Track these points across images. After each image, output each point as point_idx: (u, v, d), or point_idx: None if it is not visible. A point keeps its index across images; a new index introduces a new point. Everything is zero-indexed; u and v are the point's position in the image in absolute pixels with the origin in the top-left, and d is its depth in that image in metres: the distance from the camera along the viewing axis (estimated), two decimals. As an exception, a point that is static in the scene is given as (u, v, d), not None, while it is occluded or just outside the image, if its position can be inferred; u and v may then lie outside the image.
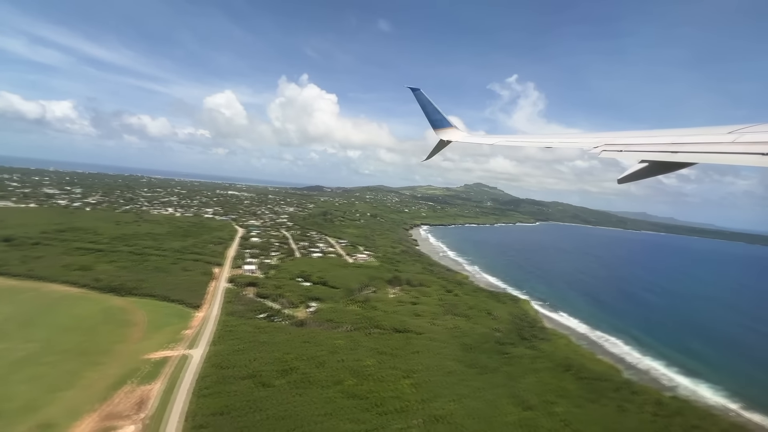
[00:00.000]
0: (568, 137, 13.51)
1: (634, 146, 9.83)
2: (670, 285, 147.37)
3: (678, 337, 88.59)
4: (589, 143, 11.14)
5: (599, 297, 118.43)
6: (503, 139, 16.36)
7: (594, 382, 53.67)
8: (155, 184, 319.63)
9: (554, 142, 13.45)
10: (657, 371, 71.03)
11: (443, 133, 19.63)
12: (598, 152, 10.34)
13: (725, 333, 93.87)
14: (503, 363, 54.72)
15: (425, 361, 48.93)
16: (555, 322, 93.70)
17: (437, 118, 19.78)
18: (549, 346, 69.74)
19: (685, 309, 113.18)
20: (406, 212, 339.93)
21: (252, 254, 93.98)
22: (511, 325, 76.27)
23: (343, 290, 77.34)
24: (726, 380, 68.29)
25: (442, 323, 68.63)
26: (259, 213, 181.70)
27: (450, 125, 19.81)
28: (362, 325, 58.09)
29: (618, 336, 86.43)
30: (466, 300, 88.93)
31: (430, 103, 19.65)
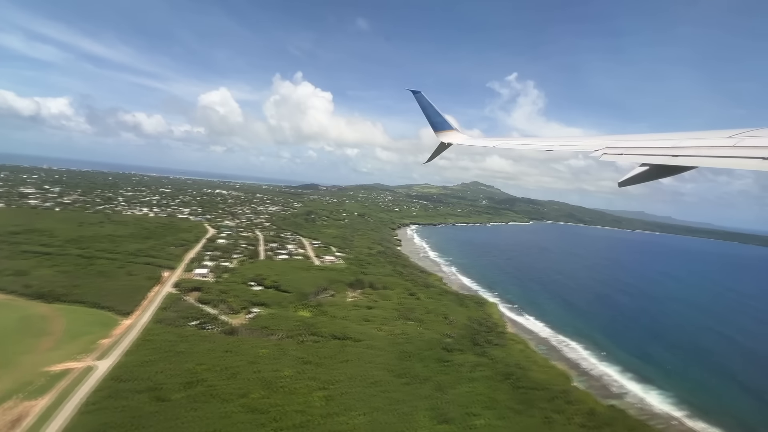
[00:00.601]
0: (568, 140, 13.61)
1: (634, 150, 9.89)
2: (647, 287, 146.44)
3: (640, 341, 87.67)
4: (589, 146, 11.27)
5: (571, 299, 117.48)
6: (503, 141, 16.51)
7: (530, 391, 52.71)
8: (145, 182, 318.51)
9: (555, 145, 13.67)
10: (609, 377, 70.03)
11: (444, 135, 19.81)
12: (599, 155, 10.43)
13: (689, 337, 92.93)
14: (439, 372, 53.71)
15: (351, 371, 47.90)
16: (519, 326, 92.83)
17: (438, 121, 19.98)
18: (501, 352, 68.77)
19: (656, 312, 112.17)
20: (396, 211, 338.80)
21: (212, 257, 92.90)
22: (466, 330, 75.23)
23: (296, 294, 76.26)
24: (677, 387, 67.42)
25: (389, 329, 67.59)
26: (239, 213, 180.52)
27: (451, 128, 19.99)
28: (298, 332, 57.03)
29: (580, 340, 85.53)
30: (426, 304, 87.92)
31: (430, 105, 19.90)
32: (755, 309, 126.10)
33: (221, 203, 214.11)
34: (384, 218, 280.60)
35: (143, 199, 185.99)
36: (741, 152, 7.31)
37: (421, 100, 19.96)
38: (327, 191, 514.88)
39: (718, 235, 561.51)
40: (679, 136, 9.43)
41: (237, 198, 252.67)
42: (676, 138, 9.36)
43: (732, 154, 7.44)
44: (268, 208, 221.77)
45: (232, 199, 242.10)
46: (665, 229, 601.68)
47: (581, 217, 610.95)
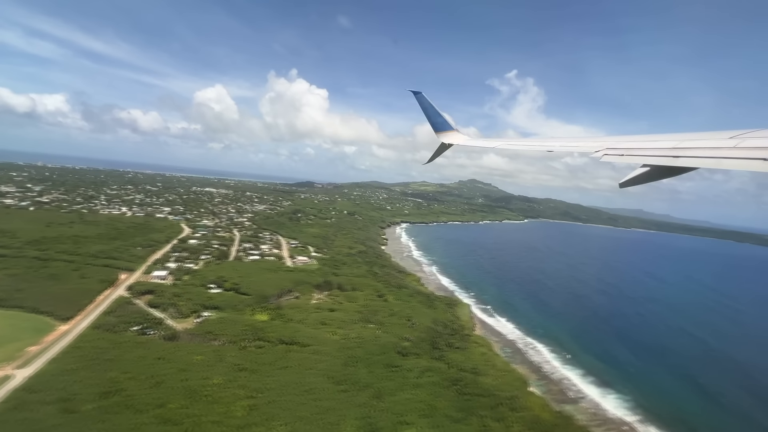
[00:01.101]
0: (569, 141, 13.57)
1: (635, 151, 9.91)
2: (628, 287, 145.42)
3: (608, 344, 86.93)
4: (590, 147, 11.25)
5: (547, 300, 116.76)
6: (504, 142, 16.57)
7: (474, 398, 51.89)
8: (137, 180, 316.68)
9: (555, 145, 13.60)
10: (569, 382, 69.31)
11: (444, 136, 19.93)
12: (600, 156, 10.44)
13: (659, 339, 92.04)
14: (383, 378, 52.84)
15: (287, 378, 47.03)
16: (488, 327, 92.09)
17: (439, 121, 20.06)
18: (459, 356, 67.98)
19: (631, 313, 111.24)
20: (388, 210, 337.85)
21: (178, 258, 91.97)
22: (428, 333, 74.37)
23: (255, 297, 75.37)
24: (636, 391, 66.70)
25: (345, 333, 66.72)
26: (222, 212, 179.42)
27: (451, 128, 20.09)
28: (244, 337, 56.14)
29: (547, 343, 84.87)
30: (393, 306, 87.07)
31: (431, 106, 19.97)
32: (734, 310, 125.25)
33: (207, 202, 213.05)
34: (374, 217, 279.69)
35: (126, 198, 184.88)
36: (742, 153, 7.33)
37: (421, 101, 20.01)
38: (322, 189, 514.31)
39: (713, 233, 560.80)
40: (680, 137, 9.43)
41: (225, 196, 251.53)
42: (677, 139, 9.36)
43: (733, 155, 7.46)
44: (254, 206, 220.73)
45: (220, 197, 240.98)
46: (661, 227, 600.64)
47: (577, 215, 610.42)
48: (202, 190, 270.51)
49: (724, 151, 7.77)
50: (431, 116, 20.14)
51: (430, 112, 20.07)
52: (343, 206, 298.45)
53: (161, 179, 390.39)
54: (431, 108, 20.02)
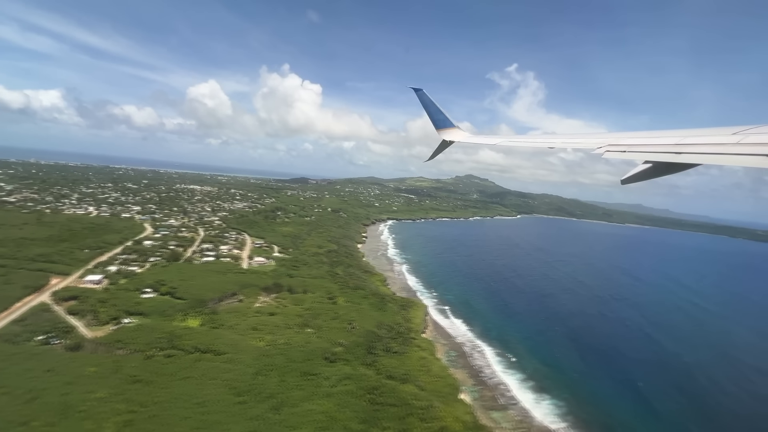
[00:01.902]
0: (570, 138, 13.54)
1: (637, 147, 9.90)
2: (598, 285, 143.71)
3: (559, 346, 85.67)
4: (592, 144, 11.27)
5: (510, 300, 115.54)
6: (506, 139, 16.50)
7: (386, 408, 50.55)
8: (126, 177, 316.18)
9: (557, 142, 13.62)
10: (504, 387, 68.17)
11: (446, 133, 19.86)
12: (601, 153, 10.44)
13: (614, 341, 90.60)
14: (294, 387, 51.54)
15: (184, 390, 45.73)
16: (440, 330, 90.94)
17: (440, 118, 20.00)
18: (393, 362, 66.79)
19: (593, 313, 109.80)
20: (375, 206, 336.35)
21: (125, 260, 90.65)
22: (367, 337, 73.06)
23: (191, 302, 74.08)
24: (573, 397, 65.62)
25: (273, 338, 65.42)
26: (195, 210, 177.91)
27: (453, 125, 20.03)
28: (157, 345, 54.84)
29: (496, 345, 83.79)
30: (340, 309, 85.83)
31: (432, 103, 19.92)
32: (702, 310, 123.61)
33: (185, 200, 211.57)
34: (360, 213, 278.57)
35: (100, 197, 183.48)
36: (745, 149, 7.31)
37: (422, 98, 19.95)
38: (315, 185, 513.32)
39: (707, 228, 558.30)
40: (682, 133, 9.40)
41: (206, 194, 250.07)
42: (680, 135, 9.31)
43: (736, 151, 7.45)
44: (234, 204, 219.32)
45: (200, 195, 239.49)
46: (656, 222, 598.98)
47: (572, 210, 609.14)
48: (185, 188, 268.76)
49: (726, 147, 7.75)
50: (432, 113, 20.10)
51: (431, 110, 20.04)
52: (330, 203, 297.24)
53: (151, 175, 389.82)
54: (432, 105, 19.97)
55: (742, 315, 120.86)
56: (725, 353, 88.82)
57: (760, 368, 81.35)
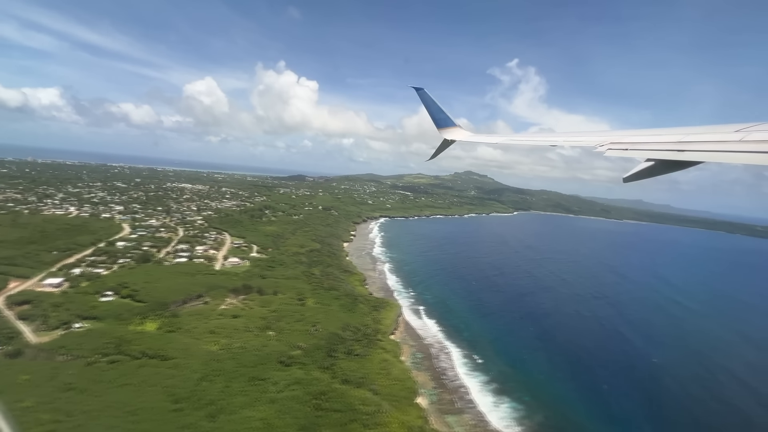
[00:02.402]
0: (573, 136, 13.59)
1: (639, 145, 9.90)
2: (580, 283, 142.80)
3: (528, 347, 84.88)
4: (594, 142, 11.30)
5: (488, 299, 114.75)
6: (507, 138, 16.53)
7: (330, 414, 49.85)
8: (120, 176, 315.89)
9: (559, 140, 13.70)
10: (465, 390, 67.48)
11: (447, 132, 19.96)
12: (603, 150, 10.47)
13: (584, 341, 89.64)
14: (238, 393, 50.79)
15: (118, 398, 45.06)
16: (411, 331, 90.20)
17: (441, 118, 20.10)
18: (353, 365, 66.15)
19: (569, 311, 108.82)
20: (369, 204, 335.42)
21: (92, 263, 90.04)
22: (330, 340, 72.37)
23: (152, 305, 73.44)
24: (533, 400, 65.16)
25: (229, 342, 64.72)
26: (180, 210, 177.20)
27: (454, 124, 20.13)
28: (103, 351, 54.22)
29: (466, 346, 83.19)
30: (307, 310, 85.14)
31: (434, 102, 19.97)
32: (684, 308, 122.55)
33: (173, 199, 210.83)
34: (352, 211, 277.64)
35: (85, 196, 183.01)
36: (748, 147, 7.30)
37: (424, 97, 19.96)
38: (313, 182, 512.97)
39: (706, 224, 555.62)
40: (684, 131, 9.42)
41: (196, 193, 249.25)
42: (682, 133, 9.34)
43: (739, 148, 7.43)
44: (222, 203, 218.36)
45: (190, 194, 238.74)
46: (655, 218, 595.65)
47: (569, 206, 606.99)
48: (175, 186, 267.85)
49: (729, 144, 7.75)
50: (433, 113, 20.11)
51: (433, 109, 20.05)
52: (322, 201, 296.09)
53: (147, 173, 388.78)
54: (433, 104, 19.98)
55: (722, 314, 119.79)
56: (697, 353, 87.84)
57: (729, 368, 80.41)
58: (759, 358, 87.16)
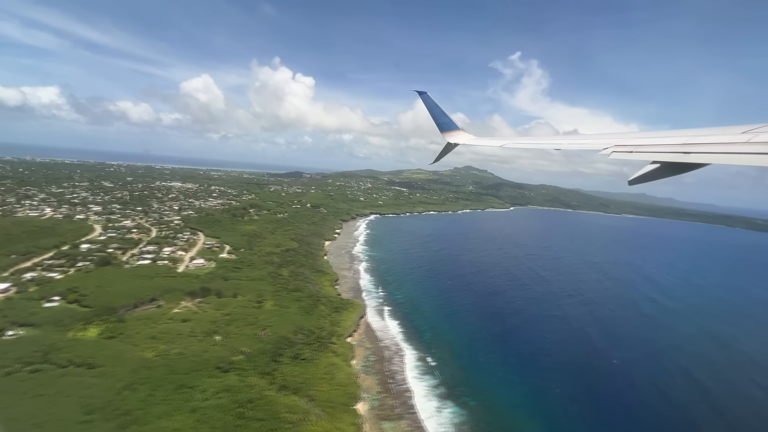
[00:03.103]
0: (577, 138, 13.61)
1: (644, 147, 9.90)
2: (557, 279, 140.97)
3: (486, 348, 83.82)
4: (598, 144, 11.28)
5: (459, 298, 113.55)
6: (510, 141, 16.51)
7: (250, 423, 49.01)
8: (114, 174, 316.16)
9: (563, 143, 13.68)
10: (409, 395, 66.76)
11: (450, 135, 20.19)
12: (608, 153, 10.44)
13: (545, 343, 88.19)
14: (160, 402, 49.94)
15: (28, 410, 44.32)
16: (370, 333, 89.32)
17: (444, 121, 20.31)
18: (297, 370, 65.43)
19: (538, 311, 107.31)
20: (361, 201, 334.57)
21: (49, 266, 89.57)
22: (276, 344, 71.45)
23: (98, 309, 72.78)
24: (479, 405, 64.50)
25: (167, 348, 63.95)
26: (161, 209, 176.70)
27: (457, 128, 20.40)
28: (28, 359, 53.54)
29: (423, 349, 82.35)
30: (262, 313, 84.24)
31: (436, 106, 20.16)
32: (658, 305, 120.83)
33: (158, 198, 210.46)
34: (342, 208, 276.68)
35: (67, 196, 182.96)
36: (755, 148, 7.26)
37: (426, 101, 20.10)
38: (310, 179, 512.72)
39: (705, 218, 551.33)
40: (690, 133, 9.45)
41: (183, 191, 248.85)
42: (688, 135, 9.32)
43: (746, 150, 7.39)
44: (207, 202, 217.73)
45: (176, 193, 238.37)
46: (654, 212, 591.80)
47: (568, 201, 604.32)
48: (164, 185, 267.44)
49: (736, 146, 7.70)
50: (436, 116, 20.18)
51: (435, 112, 20.15)
52: (313, 198, 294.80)
53: (142, 171, 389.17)
54: (436, 108, 20.10)
55: (697, 311, 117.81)
56: (660, 353, 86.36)
57: (687, 368, 78.97)
58: (721, 357, 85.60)
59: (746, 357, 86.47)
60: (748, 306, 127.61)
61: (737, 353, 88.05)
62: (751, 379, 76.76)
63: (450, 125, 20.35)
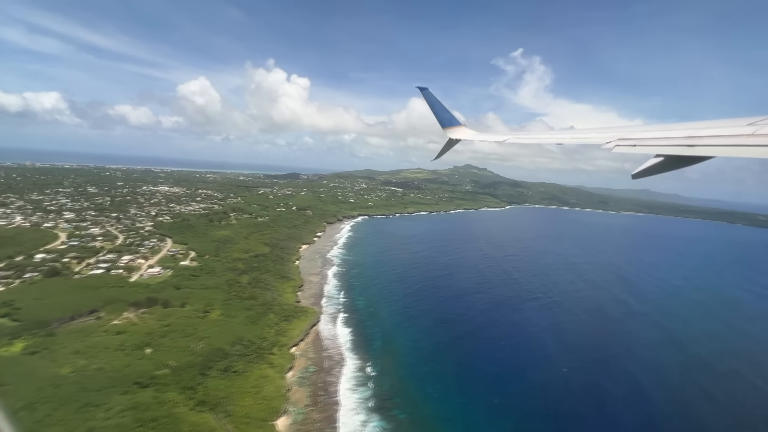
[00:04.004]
0: (579, 133, 13.40)
1: (648, 141, 9.87)
2: (530, 282, 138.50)
3: (433, 358, 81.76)
4: (602, 139, 11.17)
5: (421, 303, 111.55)
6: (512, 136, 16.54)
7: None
8: (104, 179, 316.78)
9: (566, 138, 13.68)
10: (337, 408, 65.26)
11: (452, 131, 20.18)
12: (611, 147, 10.37)
13: (498, 351, 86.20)
14: (55, 423, 48.82)
15: None
16: (318, 342, 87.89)
17: (446, 117, 20.33)
18: (224, 383, 64.21)
19: (497, 316, 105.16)
20: (351, 202, 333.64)
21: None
22: (208, 356, 70.23)
23: (29, 323, 71.98)
24: (408, 419, 62.37)
25: (87, 363, 62.86)
26: (136, 215, 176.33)
27: (458, 124, 20.38)
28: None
29: (368, 357, 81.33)
30: (203, 324, 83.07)
31: (438, 102, 20.21)
32: (626, 308, 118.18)
33: (138, 204, 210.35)
34: (329, 210, 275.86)
35: (45, 204, 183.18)
36: (761, 140, 7.26)
37: (428, 97, 20.00)
38: (307, 180, 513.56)
39: (705, 214, 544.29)
40: (694, 125, 9.35)
41: (168, 196, 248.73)
42: (692, 127, 9.23)
43: (751, 142, 7.38)
44: (189, 207, 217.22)
45: (159, 197, 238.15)
46: (654, 209, 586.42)
47: (566, 199, 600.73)
48: (150, 190, 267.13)
49: (741, 138, 7.66)
50: (438, 112, 20.18)
51: (437, 108, 20.15)
52: (300, 200, 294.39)
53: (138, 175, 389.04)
54: (438, 104, 20.12)
55: (664, 313, 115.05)
56: (614, 357, 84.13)
57: (635, 374, 76.72)
58: (673, 362, 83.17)
59: (701, 362, 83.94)
60: (720, 308, 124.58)
61: (693, 357, 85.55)
62: (700, 385, 74.39)
63: (452, 121, 20.22)
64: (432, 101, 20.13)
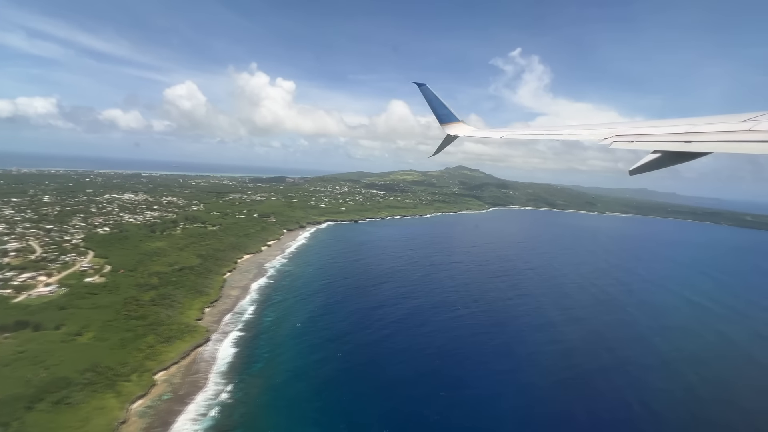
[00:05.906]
0: (577, 129, 13.50)
1: (645, 137, 9.93)
2: (460, 290, 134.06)
3: (301, 380, 77.57)
4: (599, 135, 11.27)
5: (329, 318, 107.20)
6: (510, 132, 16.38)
7: None
8: (82, 185, 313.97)
9: (563, 134, 13.76)
10: None
11: (450, 127, 19.94)
12: (608, 143, 10.49)
13: (389, 368, 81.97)
14: None
15: None
16: (194, 365, 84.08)
17: (443, 113, 20.09)
18: (50, 418, 60.69)
19: (404, 326, 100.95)
20: (321, 207, 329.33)
21: None
22: (47, 386, 66.42)
23: None
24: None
25: None
26: (72, 227, 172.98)
27: (457, 120, 20.17)
28: None
29: (235, 383, 76.99)
30: (65, 348, 79.33)
31: (436, 98, 19.96)
32: (568, 318, 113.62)
33: (91, 213, 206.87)
34: (294, 217, 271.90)
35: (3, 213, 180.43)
36: (758, 136, 7.25)
37: (426, 93, 19.85)
38: (293, 183, 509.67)
39: (692, 215, 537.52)
40: (692, 122, 9.41)
41: (123, 204, 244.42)
42: (689, 123, 9.32)
43: (748, 138, 7.37)
44: (141, 215, 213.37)
45: (113, 206, 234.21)
46: (642, 210, 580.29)
47: (553, 200, 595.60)
48: (108, 198, 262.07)
49: (738, 134, 7.69)
50: (436, 108, 20.01)
51: (435, 104, 19.96)
52: (267, 207, 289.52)
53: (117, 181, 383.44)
54: (436, 100, 19.89)
55: (597, 319, 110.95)
56: (524, 369, 79.94)
57: (537, 384, 72.60)
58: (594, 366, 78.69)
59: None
60: (653, 311, 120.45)
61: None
62: (616, 388, 70.92)
63: (450, 117, 19.98)
64: (430, 97, 19.81)
